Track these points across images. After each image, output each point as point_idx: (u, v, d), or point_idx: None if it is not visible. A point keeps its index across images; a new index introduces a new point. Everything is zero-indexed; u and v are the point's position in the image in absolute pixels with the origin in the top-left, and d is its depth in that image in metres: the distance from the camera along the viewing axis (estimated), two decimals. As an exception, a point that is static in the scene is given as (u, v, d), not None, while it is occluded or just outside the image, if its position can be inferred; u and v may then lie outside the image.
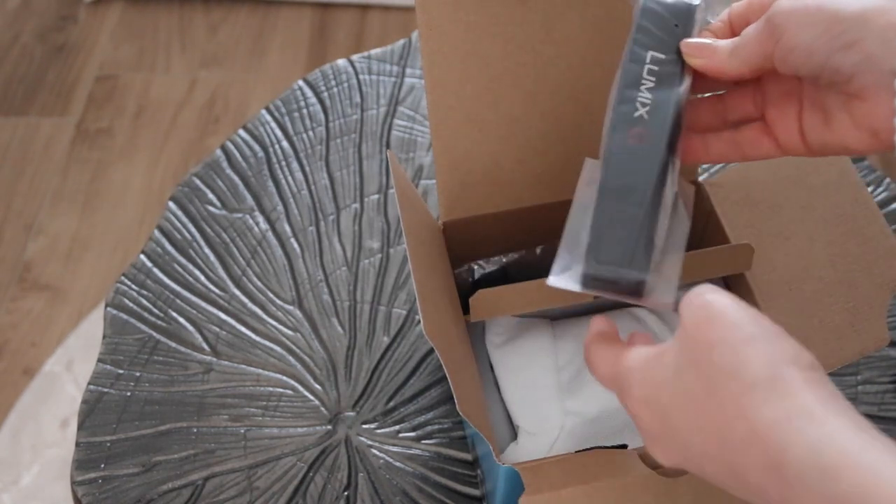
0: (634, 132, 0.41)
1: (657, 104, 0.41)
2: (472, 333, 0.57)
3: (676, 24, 0.42)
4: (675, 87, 0.41)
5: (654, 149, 0.40)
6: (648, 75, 0.42)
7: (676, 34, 0.42)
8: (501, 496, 0.49)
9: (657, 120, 0.41)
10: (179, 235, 0.68)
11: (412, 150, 0.74)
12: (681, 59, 0.42)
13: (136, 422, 0.59)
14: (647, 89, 0.41)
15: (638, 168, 0.40)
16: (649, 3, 0.43)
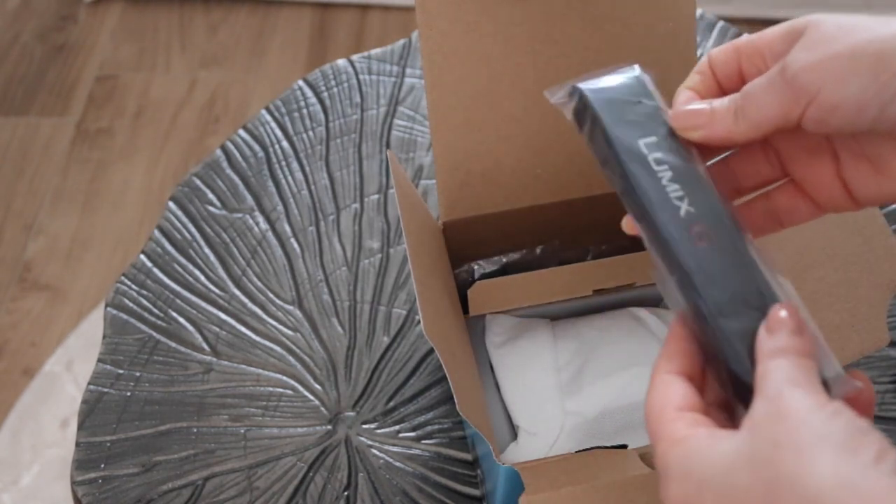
0: (696, 232, 0.34)
1: (691, 189, 0.35)
2: (472, 333, 0.57)
3: (638, 101, 0.37)
4: (690, 162, 0.35)
5: (728, 238, 0.34)
6: (658, 165, 0.35)
7: (647, 109, 0.37)
8: (501, 496, 0.49)
9: (705, 206, 0.34)
10: (179, 235, 0.68)
11: (412, 150, 0.74)
12: (672, 131, 0.36)
13: (136, 422, 0.59)
14: (668, 180, 0.35)
15: (729, 268, 0.33)
16: (594, 96, 0.37)
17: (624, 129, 0.36)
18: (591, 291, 0.54)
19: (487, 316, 0.56)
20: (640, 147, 0.36)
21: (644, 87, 0.38)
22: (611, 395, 0.53)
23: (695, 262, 0.33)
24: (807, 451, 0.26)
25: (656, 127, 0.36)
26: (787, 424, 0.27)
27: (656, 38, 0.54)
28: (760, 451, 0.27)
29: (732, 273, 0.33)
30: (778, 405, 0.28)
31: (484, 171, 0.55)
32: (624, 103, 0.37)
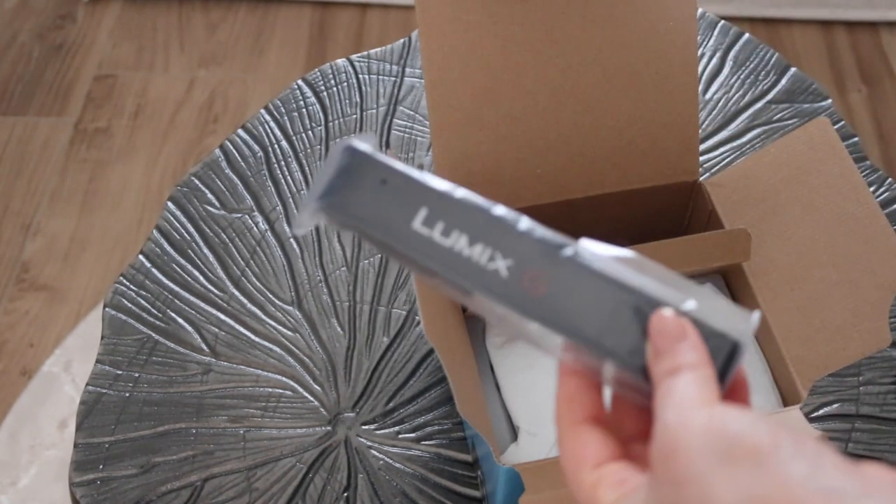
0: (529, 280, 0.30)
1: (498, 239, 0.31)
2: (472, 334, 0.56)
3: (382, 180, 0.32)
4: (481, 210, 0.31)
5: (566, 269, 0.30)
6: (446, 236, 0.31)
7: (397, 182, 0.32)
8: (502, 497, 0.48)
9: (522, 250, 0.31)
10: (178, 235, 0.68)
11: (412, 150, 0.73)
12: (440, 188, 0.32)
13: (134, 423, 0.58)
14: (468, 245, 0.31)
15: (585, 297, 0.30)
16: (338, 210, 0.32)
17: (391, 227, 0.31)
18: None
19: (487, 316, 0.56)
20: (419, 231, 0.31)
21: (374, 162, 0.32)
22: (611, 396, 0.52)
23: (547, 312, 0.30)
24: (705, 478, 0.25)
25: (421, 196, 0.31)
26: (679, 462, 0.26)
27: (656, 38, 0.54)
28: (667, 496, 0.26)
29: (591, 300, 0.30)
30: (664, 441, 0.27)
31: (484, 171, 0.55)
32: (371, 193, 0.31)
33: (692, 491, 0.25)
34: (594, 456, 0.30)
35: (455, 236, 0.31)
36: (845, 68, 1.55)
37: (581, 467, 0.30)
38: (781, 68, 0.79)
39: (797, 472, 0.24)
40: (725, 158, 0.73)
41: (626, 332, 0.29)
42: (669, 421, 0.27)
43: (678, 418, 0.27)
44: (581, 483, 0.30)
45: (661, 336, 0.29)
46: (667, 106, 0.56)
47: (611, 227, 0.59)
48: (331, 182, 0.32)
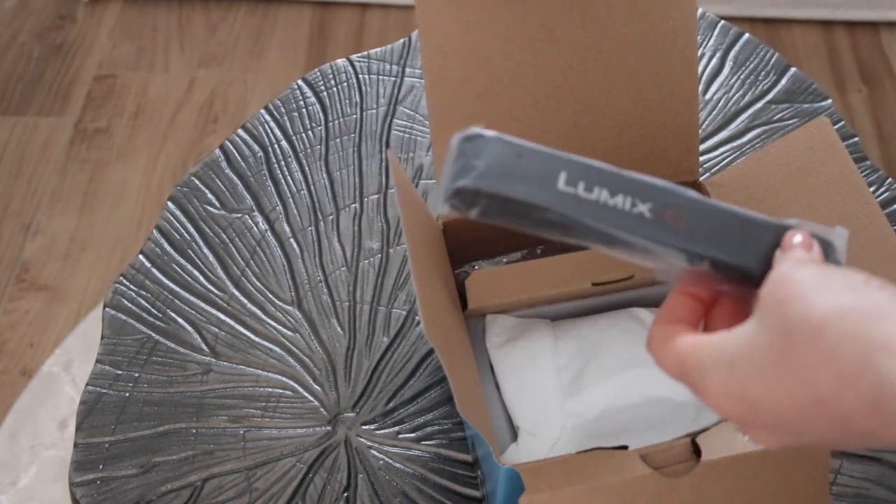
0: (671, 218, 0.35)
1: (636, 189, 0.35)
2: (473, 334, 0.56)
3: (519, 155, 0.35)
4: (612, 169, 0.35)
5: (699, 206, 0.35)
6: (590, 192, 0.35)
7: (535, 156, 0.35)
8: (502, 497, 0.49)
9: (658, 195, 0.35)
10: (178, 235, 0.68)
11: (412, 150, 0.73)
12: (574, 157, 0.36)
13: (134, 423, 0.58)
14: (610, 196, 0.35)
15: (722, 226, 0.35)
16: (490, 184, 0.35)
17: (539, 190, 0.34)
18: (591, 284, 0.53)
19: (487, 317, 0.56)
20: (565, 190, 0.34)
21: (505, 141, 0.35)
22: (611, 396, 0.52)
23: (690, 242, 0.35)
24: (808, 295, 0.30)
25: (557, 163, 0.35)
26: (787, 285, 0.31)
27: (656, 38, 0.54)
28: (770, 314, 0.31)
29: (722, 227, 0.35)
30: (779, 276, 0.32)
31: (484, 171, 0.55)
32: (511, 169, 0.35)
33: (794, 306, 0.30)
34: (686, 325, 0.35)
35: (597, 191, 0.34)
36: (845, 68, 1.55)
37: (676, 331, 0.35)
38: (781, 68, 0.79)
39: (884, 296, 0.30)
40: (725, 158, 0.73)
41: (752, 249, 0.35)
42: (784, 267, 0.33)
43: (791, 266, 0.33)
44: (675, 339, 0.35)
45: (791, 242, 0.35)
46: (667, 106, 0.56)
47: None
48: (466, 164, 0.35)
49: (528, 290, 0.53)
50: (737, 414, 0.32)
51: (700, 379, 0.33)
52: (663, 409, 0.52)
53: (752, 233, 0.35)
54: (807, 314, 0.30)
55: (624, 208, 0.34)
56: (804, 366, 0.29)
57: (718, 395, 0.33)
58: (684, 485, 0.44)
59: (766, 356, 0.31)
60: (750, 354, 0.31)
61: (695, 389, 0.34)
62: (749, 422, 0.32)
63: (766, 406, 0.31)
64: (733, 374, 0.32)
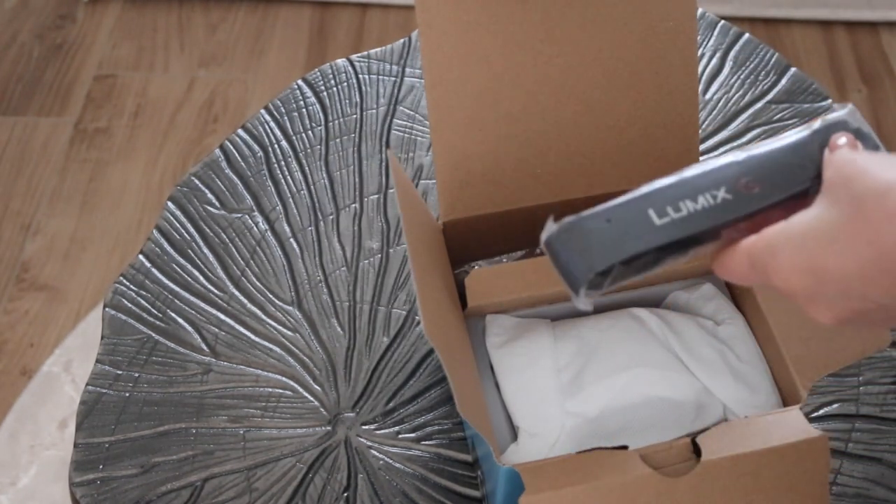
0: (744, 185, 0.38)
1: (700, 186, 0.39)
2: (472, 334, 0.56)
3: (607, 220, 0.39)
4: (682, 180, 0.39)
5: (759, 162, 0.39)
6: (675, 211, 0.39)
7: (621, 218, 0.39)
8: (502, 497, 0.49)
9: (720, 177, 0.39)
10: (178, 235, 0.68)
11: (412, 150, 0.73)
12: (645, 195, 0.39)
13: (134, 423, 0.58)
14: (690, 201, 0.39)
15: (786, 165, 0.38)
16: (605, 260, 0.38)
17: (647, 236, 0.38)
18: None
19: (487, 316, 0.56)
20: (661, 222, 0.38)
21: (586, 218, 0.39)
22: (611, 396, 0.52)
23: (773, 195, 0.38)
24: (871, 169, 0.34)
25: (639, 206, 0.39)
26: (850, 165, 0.35)
27: (656, 38, 0.54)
28: (838, 191, 0.35)
29: (786, 166, 0.39)
30: (842, 161, 0.36)
31: (484, 171, 0.55)
32: (614, 234, 0.38)
33: (861, 179, 0.34)
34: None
35: (683, 205, 0.38)
36: (845, 68, 1.55)
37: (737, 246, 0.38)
38: (781, 68, 0.79)
39: None
40: (725, 158, 0.73)
41: (809, 167, 0.39)
42: (845, 153, 0.36)
43: (850, 152, 0.36)
44: (737, 252, 0.38)
45: (838, 142, 0.39)
46: (667, 106, 0.56)
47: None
48: (578, 254, 0.39)
49: (527, 288, 0.53)
50: (804, 287, 0.36)
51: (771, 258, 0.36)
52: (663, 409, 0.52)
53: (805, 153, 0.39)
54: (873, 183, 0.34)
55: (710, 203, 0.38)
56: (871, 227, 0.33)
57: (787, 270, 0.36)
58: (684, 484, 0.44)
59: (836, 225, 0.34)
60: (820, 227, 0.35)
61: (764, 270, 0.37)
62: (814, 293, 0.35)
63: (833, 274, 0.34)
64: (803, 247, 0.35)
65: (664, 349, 0.54)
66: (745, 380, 0.53)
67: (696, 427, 0.52)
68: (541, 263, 0.54)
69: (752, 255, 0.38)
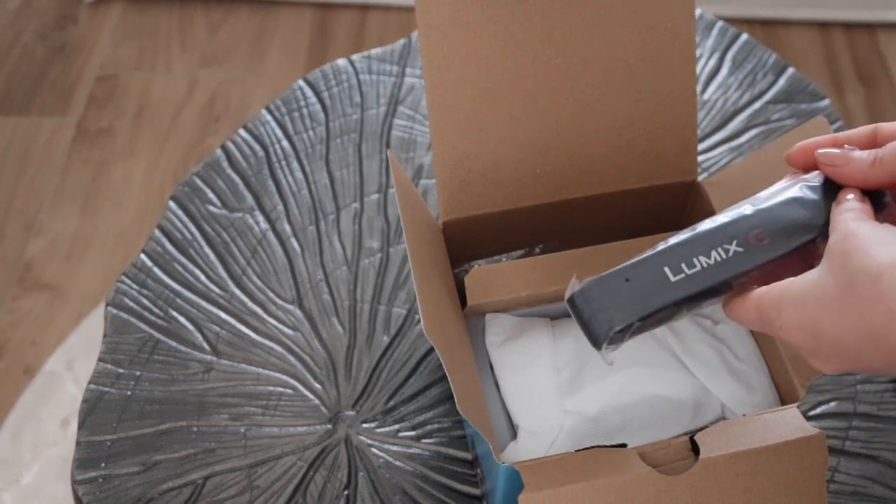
0: (756, 237, 0.40)
1: (712, 240, 0.41)
2: (472, 333, 0.57)
3: (624, 279, 0.41)
4: (688, 239, 0.41)
5: (771, 224, 0.40)
6: (689, 267, 0.41)
7: (637, 278, 0.41)
8: (501, 495, 0.49)
9: (726, 232, 0.41)
10: (180, 235, 0.68)
11: (412, 149, 0.74)
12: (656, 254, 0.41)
13: (136, 421, 0.59)
14: (703, 258, 0.41)
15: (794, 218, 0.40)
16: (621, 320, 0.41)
17: (664, 292, 0.40)
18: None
19: (487, 315, 0.56)
20: (678, 280, 0.40)
21: (607, 278, 0.41)
22: (610, 395, 0.53)
23: (777, 249, 0.40)
24: (868, 248, 0.35)
25: (655, 264, 0.41)
26: (852, 239, 0.36)
27: (656, 38, 0.54)
28: (837, 262, 0.36)
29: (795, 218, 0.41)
30: (844, 231, 0.37)
31: (484, 171, 0.55)
32: (633, 293, 0.40)
33: (858, 256, 0.35)
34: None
35: (697, 262, 0.40)
36: (843, 69, 1.56)
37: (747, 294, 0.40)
38: (779, 69, 0.79)
39: None
40: (723, 158, 0.73)
41: (817, 218, 0.41)
42: (850, 222, 0.37)
43: (855, 221, 0.37)
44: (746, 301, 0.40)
45: (845, 197, 0.40)
46: (666, 106, 0.56)
47: (610, 227, 0.59)
48: (599, 313, 0.41)
49: (526, 286, 0.53)
50: (805, 344, 0.38)
51: (777, 314, 0.38)
52: (662, 408, 0.52)
53: (813, 205, 0.41)
54: (867, 263, 0.35)
55: (723, 258, 0.40)
56: (863, 305, 0.35)
57: (791, 327, 0.38)
58: (683, 483, 0.45)
59: (833, 296, 0.36)
60: (819, 294, 0.37)
61: (770, 324, 0.39)
62: (814, 351, 0.38)
63: (830, 337, 0.36)
64: (804, 309, 0.37)
65: (662, 348, 0.54)
66: (743, 378, 0.54)
67: (695, 425, 0.52)
68: (540, 262, 0.54)
69: (759, 309, 0.40)
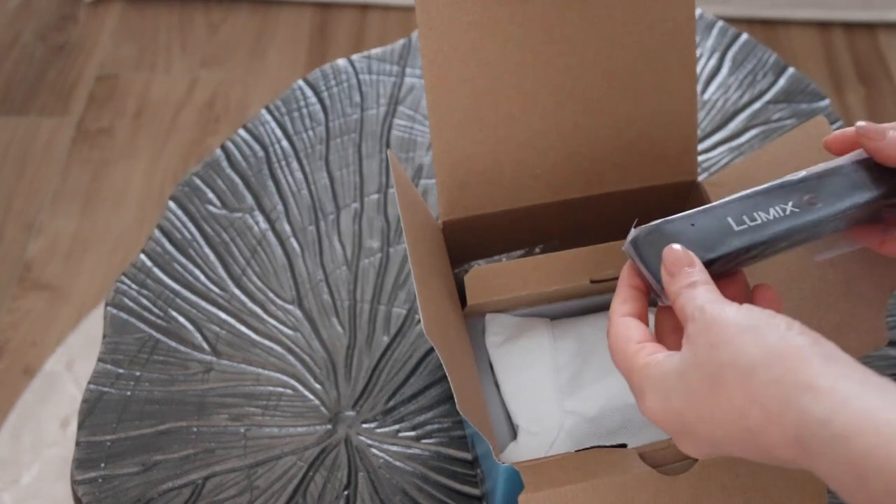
0: (808, 201, 0.42)
1: (766, 199, 0.43)
2: (472, 333, 0.57)
3: (691, 223, 0.42)
4: (752, 194, 0.43)
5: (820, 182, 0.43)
6: (751, 220, 0.43)
7: (702, 222, 0.42)
8: (501, 495, 0.49)
9: (783, 196, 0.43)
10: (179, 235, 0.68)
11: (412, 149, 0.74)
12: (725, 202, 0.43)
13: (136, 421, 0.59)
14: (762, 212, 0.43)
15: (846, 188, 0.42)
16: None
17: (730, 239, 0.42)
18: (589, 281, 0.54)
19: (487, 315, 0.56)
20: (741, 229, 0.42)
21: (672, 222, 0.42)
22: (610, 395, 0.53)
23: (834, 207, 0.42)
24: (735, 340, 0.34)
25: (719, 214, 0.42)
26: (715, 328, 0.35)
27: (656, 38, 0.54)
28: (701, 354, 0.35)
29: (839, 187, 0.43)
30: (704, 320, 0.35)
31: (484, 171, 0.55)
32: (695, 236, 0.41)
33: (723, 351, 0.34)
34: (637, 335, 0.39)
35: (758, 216, 0.42)
36: (843, 69, 1.56)
37: (628, 341, 0.39)
38: (779, 69, 0.79)
39: (804, 341, 0.33)
40: (723, 158, 0.73)
41: (868, 185, 0.43)
42: (706, 307, 0.36)
43: (713, 306, 0.36)
44: (626, 352, 0.39)
45: (675, 262, 0.39)
46: (666, 106, 0.56)
47: (610, 227, 0.59)
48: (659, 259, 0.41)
49: (526, 285, 0.53)
50: (671, 430, 0.37)
51: (641, 396, 0.37)
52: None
53: (856, 176, 0.43)
54: (736, 360, 0.33)
55: (781, 215, 0.42)
56: (735, 404, 0.33)
57: (656, 413, 0.37)
58: (683, 483, 0.45)
59: (700, 391, 0.34)
60: (683, 388, 0.35)
61: (635, 398, 0.38)
62: (682, 438, 0.36)
63: (699, 430, 0.35)
64: (668, 400, 0.36)
65: (663, 348, 0.54)
66: (744, 378, 0.54)
67: (695, 425, 0.52)
68: (540, 262, 0.54)
69: (629, 376, 0.39)
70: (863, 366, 0.32)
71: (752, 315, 0.35)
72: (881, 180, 0.43)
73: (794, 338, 0.33)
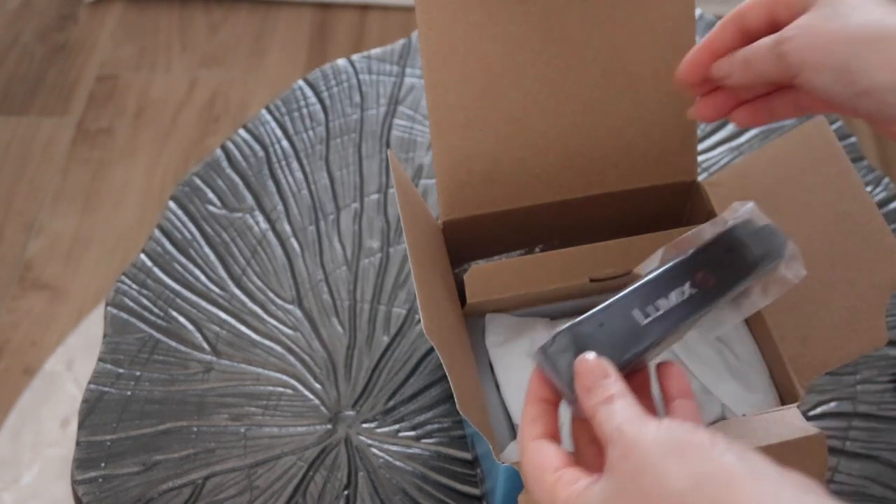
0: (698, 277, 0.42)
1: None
2: (472, 333, 0.57)
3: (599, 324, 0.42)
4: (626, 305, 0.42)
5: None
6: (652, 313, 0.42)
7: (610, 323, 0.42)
8: (501, 495, 0.49)
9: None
10: (180, 235, 0.68)
11: (412, 149, 0.74)
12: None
13: (136, 421, 0.59)
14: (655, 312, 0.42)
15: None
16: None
17: (638, 336, 0.41)
18: (588, 280, 0.54)
19: (487, 315, 0.57)
20: (646, 322, 0.41)
21: (580, 323, 0.42)
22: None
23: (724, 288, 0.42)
24: (660, 466, 0.32)
25: (624, 308, 0.42)
26: (636, 454, 0.32)
27: (656, 38, 0.54)
28: (625, 483, 0.32)
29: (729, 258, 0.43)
30: (623, 442, 0.33)
31: (484, 171, 0.55)
32: (604, 339, 0.41)
33: (648, 479, 0.32)
34: (554, 462, 0.36)
35: (660, 303, 0.42)
36: (845, 69, 1.55)
37: (544, 471, 0.36)
38: (780, 69, 0.79)
39: (731, 458, 0.31)
40: (723, 158, 0.73)
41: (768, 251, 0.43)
42: (625, 428, 0.33)
43: (632, 427, 0.33)
44: (543, 483, 0.36)
45: (588, 375, 0.37)
46: (665, 106, 0.56)
47: (609, 227, 0.59)
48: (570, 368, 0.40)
49: (525, 284, 0.53)
50: None
51: None
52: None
53: (736, 248, 0.43)
54: (663, 488, 0.31)
55: (682, 298, 0.42)
56: None
57: None
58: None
59: None
60: None
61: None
62: None
63: None
64: None
65: (662, 348, 0.54)
66: (743, 378, 0.54)
67: (695, 425, 0.52)
68: (540, 260, 0.54)
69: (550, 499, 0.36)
70: (791, 476, 0.31)
71: (673, 434, 0.33)
72: (763, 243, 0.43)
73: (720, 456, 0.31)
